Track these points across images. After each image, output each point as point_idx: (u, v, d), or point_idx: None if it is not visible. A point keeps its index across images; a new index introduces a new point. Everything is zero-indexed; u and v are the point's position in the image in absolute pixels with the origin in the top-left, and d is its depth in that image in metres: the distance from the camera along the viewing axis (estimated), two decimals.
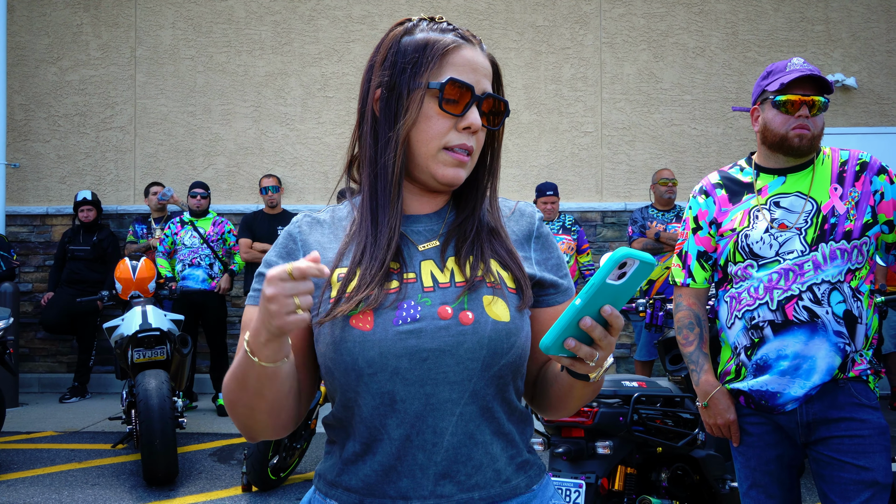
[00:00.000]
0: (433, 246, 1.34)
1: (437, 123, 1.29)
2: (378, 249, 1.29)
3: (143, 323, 5.48)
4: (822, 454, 2.39)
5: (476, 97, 1.31)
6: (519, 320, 1.30)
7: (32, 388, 8.43)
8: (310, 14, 8.54)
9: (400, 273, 1.29)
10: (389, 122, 1.31)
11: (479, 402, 1.27)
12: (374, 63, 1.35)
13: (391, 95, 1.31)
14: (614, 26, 8.34)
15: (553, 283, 1.40)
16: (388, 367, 1.23)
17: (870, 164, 2.44)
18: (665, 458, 3.39)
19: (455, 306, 1.26)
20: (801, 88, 2.43)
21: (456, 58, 1.31)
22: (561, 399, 1.35)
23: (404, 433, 1.25)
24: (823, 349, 2.35)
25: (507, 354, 1.27)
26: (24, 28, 8.77)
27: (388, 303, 1.26)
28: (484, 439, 1.28)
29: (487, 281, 1.30)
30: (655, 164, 8.07)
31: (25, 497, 4.84)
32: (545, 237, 1.44)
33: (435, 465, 1.25)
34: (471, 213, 1.37)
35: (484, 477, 1.27)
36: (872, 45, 8.12)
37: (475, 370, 1.25)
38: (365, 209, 1.33)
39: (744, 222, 2.48)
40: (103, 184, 8.68)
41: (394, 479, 1.26)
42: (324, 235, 1.37)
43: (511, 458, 1.31)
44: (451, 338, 1.24)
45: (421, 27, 1.34)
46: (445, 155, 1.30)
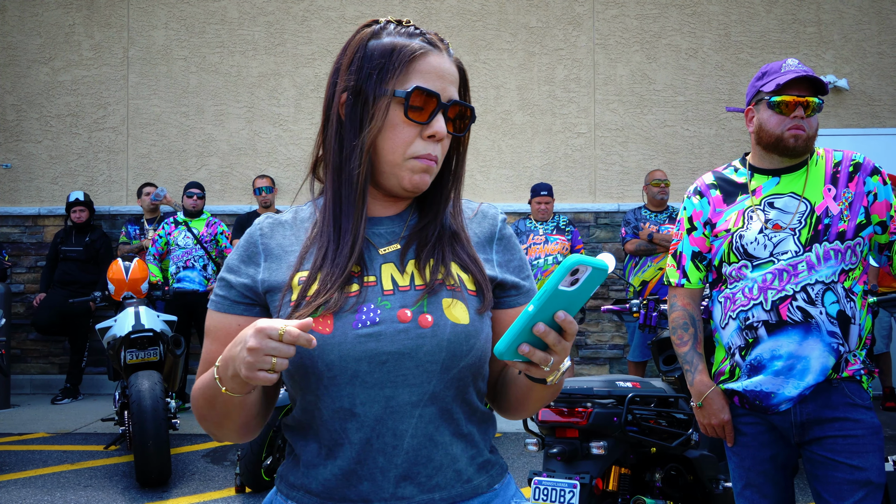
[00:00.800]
0: (394, 249, 1.34)
1: (402, 132, 1.29)
2: (340, 255, 1.29)
3: (135, 324, 5.46)
4: (816, 454, 2.40)
5: (441, 105, 1.30)
6: (478, 322, 1.30)
7: (24, 389, 8.40)
8: (303, 15, 8.53)
9: (360, 276, 1.29)
10: (355, 128, 1.30)
11: (439, 403, 1.28)
12: (341, 66, 1.34)
13: (357, 101, 1.30)
14: (607, 27, 8.35)
15: (515, 284, 1.40)
16: (348, 371, 1.24)
17: (863, 164, 2.45)
18: (659, 458, 3.39)
19: (415, 309, 1.27)
20: (796, 89, 2.44)
21: (422, 64, 1.30)
22: (520, 401, 1.36)
23: (364, 437, 1.26)
24: (817, 349, 2.36)
25: (467, 357, 1.28)
26: (16, 28, 8.74)
27: (347, 306, 1.26)
28: (444, 440, 1.28)
29: (447, 284, 1.30)
30: (648, 166, 8.08)
31: (18, 499, 4.82)
32: (507, 239, 1.44)
33: (395, 468, 1.26)
34: (433, 218, 1.37)
35: (445, 478, 1.29)
36: (864, 46, 8.15)
37: (434, 372, 1.26)
38: (328, 213, 1.33)
39: (738, 223, 2.48)
40: (96, 184, 8.65)
41: (354, 482, 1.26)
42: (286, 237, 1.37)
43: (472, 458, 1.32)
44: (410, 341, 1.25)
45: (388, 30, 1.33)
46: (410, 163, 1.30)
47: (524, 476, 5.25)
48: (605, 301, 8.01)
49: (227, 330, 1.33)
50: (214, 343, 1.34)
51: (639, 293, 6.80)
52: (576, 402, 3.22)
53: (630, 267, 7.02)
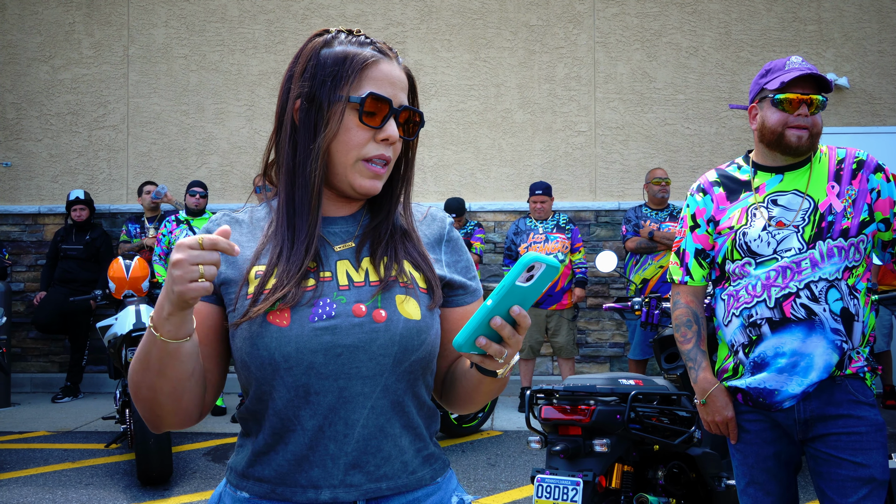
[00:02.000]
0: (349, 247, 1.40)
1: (356, 135, 1.34)
2: (297, 251, 1.34)
3: (137, 322, 5.45)
4: (819, 451, 2.40)
5: (394, 110, 1.36)
6: (429, 319, 1.37)
7: (25, 387, 8.39)
8: (303, 13, 8.53)
9: (317, 272, 1.34)
10: (309, 133, 1.35)
11: (391, 396, 1.33)
12: (294, 73, 1.39)
13: (311, 107, 1.35)
14: (608, 26, 8.35)
15: (462, 284, 1.47)
16: (304, 362, 1.28)
17: (867, 162, 2.45)
18: (662, 455, 3.40)
19: (369, 304, 1.32)
20: (800, 87, 2.44)
21: (374, 72, 1.36)
22: (469, 394, 1.41)
23: (317, 424, 1.30)
24: (821, 346, 2.36)
25: (418, 351, 1.34)
26: (16, 26, 8.73)
27: (304, 300, 1.31)
28: (393, 432, 1.34)
29: (400, 281, 1.36)
30: (649, 164, 8.08)
31: (19, 497, 4.82)
32: (455, 241, 1.51)
33: (346, 456, 1.31)
34: (385, 218, 1.43)
35: (392, 468, 1.34)
36: (864, 45, 8.15)
37: (387, 365, 1.31)
38: (282, 214, 1.37)
39: (741, 220, 2.48)
40: (96, 183, 8.65)
41: (305, 468, 1.31)
42: (242, 235, 1.41)
43: (418, 450, 1.38)
44: (364, 334, 1.30)
45: (339, 39, 1.38)
46: (363, 166, 1.35)
47: (527, 473, 5.25)
48: (606, 300, 8.01)
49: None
50: None
51: (640, 291, 6.80)
52: (579, 400, 3.22)
53: (631, 265, 7.03)
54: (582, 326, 8.07)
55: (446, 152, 8.39)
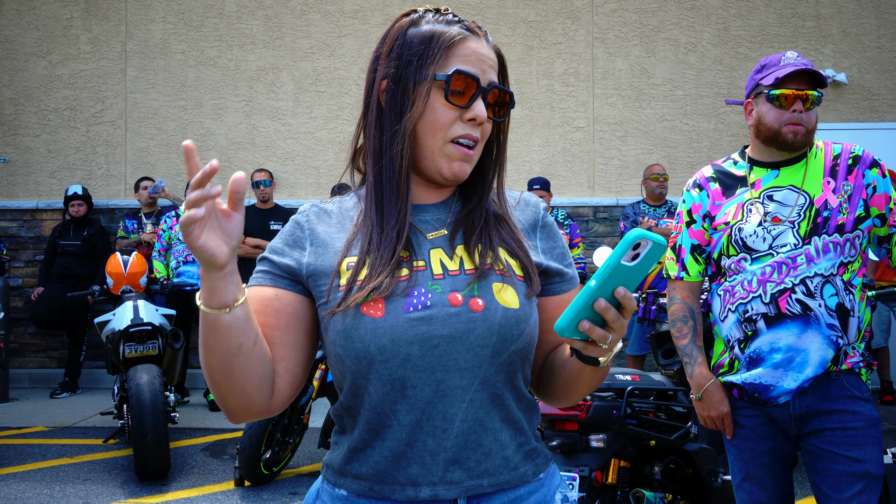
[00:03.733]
0: (442, 234, 1.35)
1: (442, 115, 1.30)
2: (387, 239, 1.29)
3: (134, 318, 5.46)
4: (814, 446, 2.40)
5: (482, 88, 1.31)
6: (528, 307, 1.31)
7: (23, 383, 8.39)
8: (301, 8, 8.51)
9: (409, 261, 1.30)
10: (396, 114, 1.31)
11: (490, 388, 1.27)
12: (380, 54, 1.35)
13: (397, 87, 1.31)
14: (606, 21, 8.35)
15: (559, 271, 1.41)
16: (400, 354, 1.24)
17: (862, 157, 2.45)
18: (658, 451, 3.40)
19: (465, 293, 1.27)
20: (795, 83, 2.44)
21: (462, 49, 1.31)
22: (569, 385, 1.35)
23: (414, 419, 1.25)
24: (816, 342, 2.37)
25: (517, 341, 1.28)
26: (14, 21, 8.71)
27: (398, 290, 1.26)
28: (494, 426, 1.28)
29: (496, 269, 1.31)
30: (647, 160, 8.09)
31: (17, 492, 4.82)
32: (550, 227, 1.45)
33: (445, 451, 1.25)
34: (478, 203, 1.38)
35: (493, 464, 1.28)
36: (863, 41, 8.15)
37: (485, 357, 1.26)
38: (371, 200, 1.34)
39: (737, 216, 2.49)
40: (94, 178, 8.64)
41: (403, 465, 1.26)
42: (331, 226, 1.37)
43: (520, 445, 1.32)
44: (461, 324, 1.25)
45: (427, 18, 1.35)
46: (451, 148, 1.31)
47: None
48: None
49: (260, 296, 1.32)
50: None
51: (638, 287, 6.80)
52: None
53: None
54: None
55: None
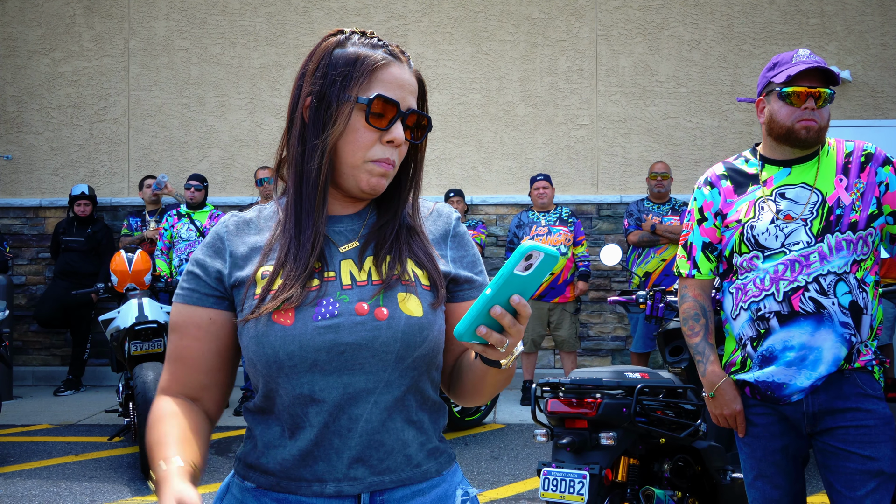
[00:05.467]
0: (353, 247, 1.42)
1: (363, 136, 1.36)
2: (302, 251, 1.36)
3: (139, 315, 5.45)
4: (827, 444, 2.40)
5: (401, 113, 1.38)
6: (432, 315, 1.38)
7: (27, 381, 8.39)
8: (304, 6, 8.50)
9: (321, 272, 1.37)
10: (318, 130, 1.37)
11: (393, 391, 1.35)
12: (306, 71, 1.41)
13: (321, 105, 1.37)
14: (610, 18, 8.34)
15: (468, 279, 1.48)
16: (308, 360, 1.31)
17: (875, 155, 2.45)
18: (667, 449, 3.40)
19: (371, 303, 1.35)
20: (807, 80, 2.43)
21: (384, 74, 1.38)
22: (475, 386, 1.42)
23: (323, 420, 1.33)
24: (829, 340, 2.36)
25: (420, 347, 1.36)
26: (17, 19, 8.70)
27: (308, 300, 1.33)
28: (395, 426, 1.36)
29: (402, 279, 1.38)
30: (651, 157, 8.08)
31: (23, 490, 4.82)
32: (461, 236, 1.52)
33: (349, 450, 1.34)
34: (392, 218, 1.45)
35: (395, 461, 1.36)
36: (867, 38, 8.14)
37: (389, 362, 1.34)
38: (290, 211, 1.40)
39: (749, 213, 2.48)
40: (97, 176, 8.63)
41: (310, 462, 1.34)
42: (251, 235, 1.43)
43: (421, 444, 1.40)
44: (367, 332, 1.33)
45: (353, 41, 1.40)
46: (371, 165, 1.37)
47: (530, 466, 5.26)
48: (608, 293, 8.01)
49: (197, 323, 1.39)
50: (184, 338, 1.40)
51: (642, 284, 6.79)
52: (585, 393, 3.22)
53: (633, 258, 7.03)
54: (584, 320, 8.07)
55: (448, 145, 8.37)
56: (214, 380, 1.42)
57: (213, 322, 1.39)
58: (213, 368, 1.41)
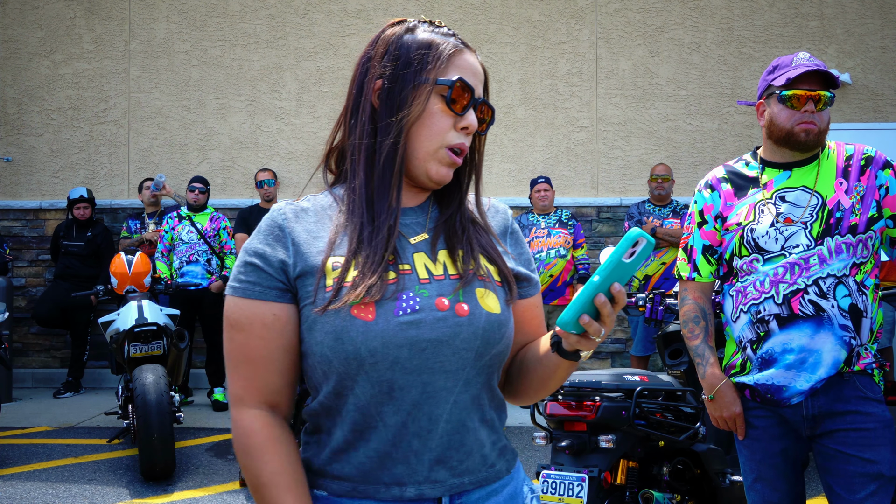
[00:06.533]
0: (423, 239, 1.38)
1: (439, 120, 1.33)
2: (377, 239, 1.31)
3: (139, 318, 5.45)
4: (827, 447, 2.40)
5: (475, 100, 1.36)
6: (507, 312, 1.36)
7: (26, 383, 8.38)
8: (305, 8, 8.51)
9: (395, 264, 1.32)
10: (391, 113, 1.33)
11: (471, 390, 1.32)
12: (372, 55, 1.37)
13: (394, 88, 1.34)
14: (610, 21, 8.34)
15: (526, 276, 1.46)
16: (389, 357, 1.26)
17: (875, 158, 2.45)
18: (667, 451, 3.39)
19: (451, 298, 1.31)
20: (807, 83, 2.43)
21: (460, 60, 1.36)
22: (543, 381, 1.41)
23: (400, 420, 1.28)
24: (829, 343, 2.36)
25: (498, 344, 1.33)
26: (17, 21, 8.71)
27: (388, 294, 1.28)
28: (473, 426, 1.33)
29: (478, 274, 1.35)
30: (651, 160, 8.08)
31: (22, 492, 4.82)
32: (517, 233, 1.51)
33: (430, 451, 1.29)
34: (457, 209, 1.41)
35: (473, 462, 1.33)
36: (867, 41, 8.14)
37: (469, 360, 1.30)
38: (359, 198, 1.34)
39: (749, 216, 2.48)
40: (97, 178, 8.64)
41: (389, 465, 1.29)
42: (311, 223, 1.36)
43: (494, 443, 1.37)
44: (448, 328, 1.29)
45: (422, 28, 1.38)
46: (444, 154, 1.34)
47: (532, 470, 5.26)
48: None
49: (261, 320, 1.31)
50: (249, 338, 1.32)
51: (642, 287, 6.80)
52: (584, 396, 3.22)
53: None
54: None
55: None
56: (287, 381, 1.34)
57: (278, 318, 1.31)
58: (284, 368, 1.33)
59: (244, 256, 1.35)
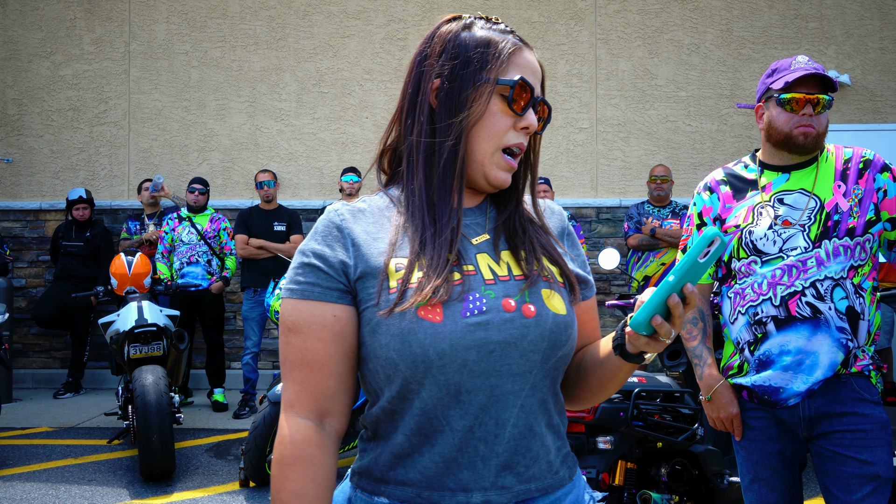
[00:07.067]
0: (485, 239, 1.35)
1: (499, 120, 1.31)
2: (440, 239, 1.28)
3: (139, 318, 5.46)
4: (824, 448, 2.41)
5: (535, 99, 1.33)
6: (572, 314, 1.34)
7: (26, 383, 8.39)
8: (304, 9, 8.52)
9: (459, 265, 1.28)
10: (450, 113, 1.31)
11: (538, 394, 1.29)
12: (428, 53, 1.35)
13: (453, 87, 1.31)
14: (609, 22, 8.35)
15: (584, 278, 1.44)
16: (458, 359, 1.22)
17: (873, 161, 2.46)
18: (665, 453, 3.41)
19: (517, 299, 1.28)
20: (805, 87, 2.44)
21: (520, 59, 1.33)
22: (603, 384, 1.37)
23: (467, 424, 1.25)
24: (826, 345, 2.37)
25: (564, 346, 1.30)
26: (17, 22, 8.72)
27: (455, 295, 1.25)
28: (540, 431, 1.30)
29: (542, 275, 1.33)
30: (650, 161, 8.09)
31: (22, 493, 4.83)
32: (573, 235, 1.49)
33: (497, 457, 1.26)
34: (515, 210, 1.39)
35: (539, 468, 1.29)
36: (866, 42, 8.15)
37: (536, 362, 1.27)
38: (419, 199, 1.31)
39: (748, 219, 2.49)
40: (97, 179, 8.65)
41: (454, 470, 1.25)
42: (369, 224, 1.33)
43: (558, 449, 1.34)
44: (515, 330, 1.25)
45: (479, 25, 1.35)
46: (500, 157, 1.32)
47: None
48: (607, 296, 8.02)
49: (321, 322, 1.27)
50: (308, 340, 1.28)
51: (641, 288, 6.80)
52: None
53: (633, 262, 7.03)
54: None
55: None
56: (344, 386, 1.29)
57: (338, 320, 1.27)
58: (343, 373, 1.28)
59: (301, 258, 1.31)
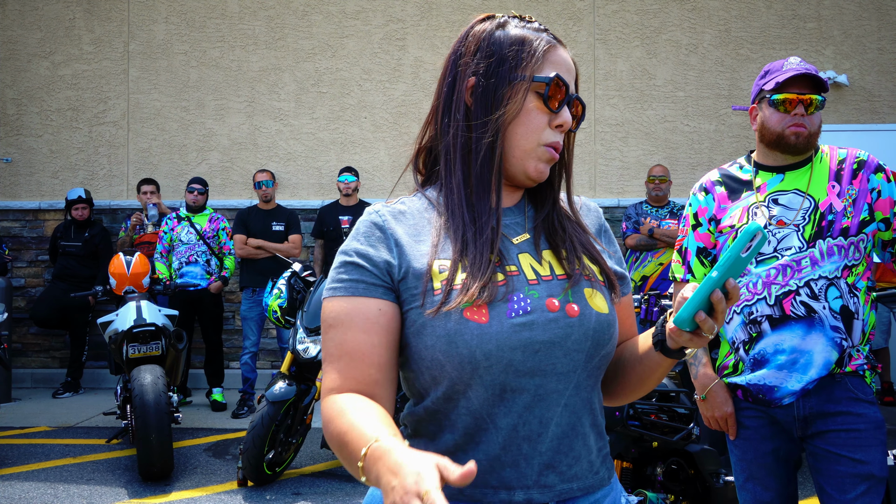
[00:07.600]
0: (525, 239, 1.35)
1: (535, 118, 1.31)
2: (481, 240, 1.28)
3: (137, 318, 5.47)
4: (818, 448, 2.42)
5: (569, 96, 1.34)
6: (614, 312, 1.34)
7: (25, 383, 8.41)
8: (303, 9, 8.53)
9: (501, 265, 1.29)
10: (486, 111, 1.31)
11: (582, 393, 1.30)
12: (462, 52, 1.35)
13: (489, 85, 1.31)
14: (607, 23, 8.36)
15: (622, 275, 1.44)
16: (504, 360, 1.23)
17: (867, 162, 2.47)
18: (660, 452, 3.42)
19: (561, 299, 1.28)
20: (796, 87, 2.46)
21: (554, 56, 1.34)
22: (641, 380, 1.38)
23: (511, 423, 1.25)
24: (820, 344, 2.38)
25: (607, 345, 1.31)
26: (16, 22, 8.73)
27: (499, 295, 1.25)
28: (584, 430, 1.30)
29: (584, 274, 1.33)
30: (648, 161, 8.10)
31: (20, 492, 4.84)
32: (609, 232, 1.49)
33: (540, 455, 1.26)
34: (552, 208, 1.39)
35: (581, 468, 1.30)
36: (864, 42, 8.17)
37: (580, 361, 1.28)
38: (458, 199, 1.32)
39: (743, 219, 2.50)
40: (96, 179, 8.66)
41: (497, 469, 1.25)
42: (409, 226, 1.33)
43: (599, 449, 1.34)
44: (560, 330, 1.26)
45: (513, 24, 1.36)
46: (541, 150, 1.32)
47: None
48: None
49: (365, 314, 1.26)
50: (349, 331, 1.25)
51: (639, 288, 6.82)
52: None
53: (631, 262, 7.04)
54: None
55: None
56: (387, 376, 1.27)
57: (384, 313, 1.26)
58: (385, 364, 1.26)
59: (343, 258, 1.31)
